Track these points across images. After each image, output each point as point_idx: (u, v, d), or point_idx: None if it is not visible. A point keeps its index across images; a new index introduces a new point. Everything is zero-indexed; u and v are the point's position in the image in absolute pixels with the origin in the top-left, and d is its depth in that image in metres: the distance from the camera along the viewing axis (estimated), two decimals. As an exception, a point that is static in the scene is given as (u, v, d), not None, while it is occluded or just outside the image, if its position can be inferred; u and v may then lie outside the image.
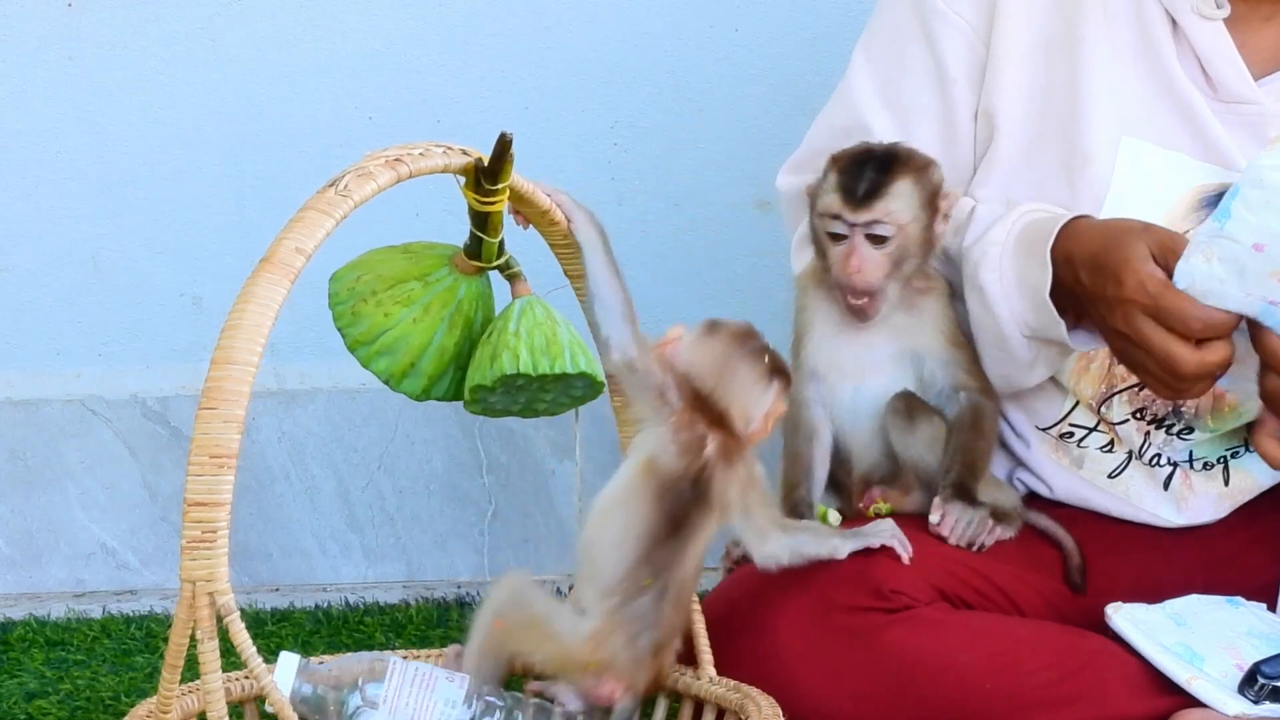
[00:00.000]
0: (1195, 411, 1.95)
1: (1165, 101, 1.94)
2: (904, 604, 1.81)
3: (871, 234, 1.86)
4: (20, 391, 2.70)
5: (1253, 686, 1.77)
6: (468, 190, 1.58)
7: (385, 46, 2.65)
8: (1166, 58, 1.93)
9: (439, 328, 1.66)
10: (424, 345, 1.66)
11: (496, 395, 1.64)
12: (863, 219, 1.86)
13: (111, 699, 2.20)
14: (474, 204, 1.58)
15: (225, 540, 1.33)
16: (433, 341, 1.66)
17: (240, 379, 1.34)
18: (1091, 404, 1.96)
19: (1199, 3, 1.93)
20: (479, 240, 1.64)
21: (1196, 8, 1.92)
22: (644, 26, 2.65)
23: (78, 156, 2.66)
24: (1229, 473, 1.98)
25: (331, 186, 1.43)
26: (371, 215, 1.96)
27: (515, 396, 1.66)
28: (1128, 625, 1.82)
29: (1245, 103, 1.93)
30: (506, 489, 2.70)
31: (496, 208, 1.59)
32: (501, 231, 1.64)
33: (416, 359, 1.66)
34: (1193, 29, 1.93)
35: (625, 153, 2.66)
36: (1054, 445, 2.00)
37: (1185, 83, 1.93)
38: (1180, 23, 1.93)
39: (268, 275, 1.37)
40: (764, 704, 1.65)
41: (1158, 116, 1.94)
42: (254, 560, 2.69)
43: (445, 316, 1.66)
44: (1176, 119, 1.94)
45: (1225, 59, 1.93)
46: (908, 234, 1.87)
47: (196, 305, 2.69)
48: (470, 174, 1.56)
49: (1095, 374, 1.96)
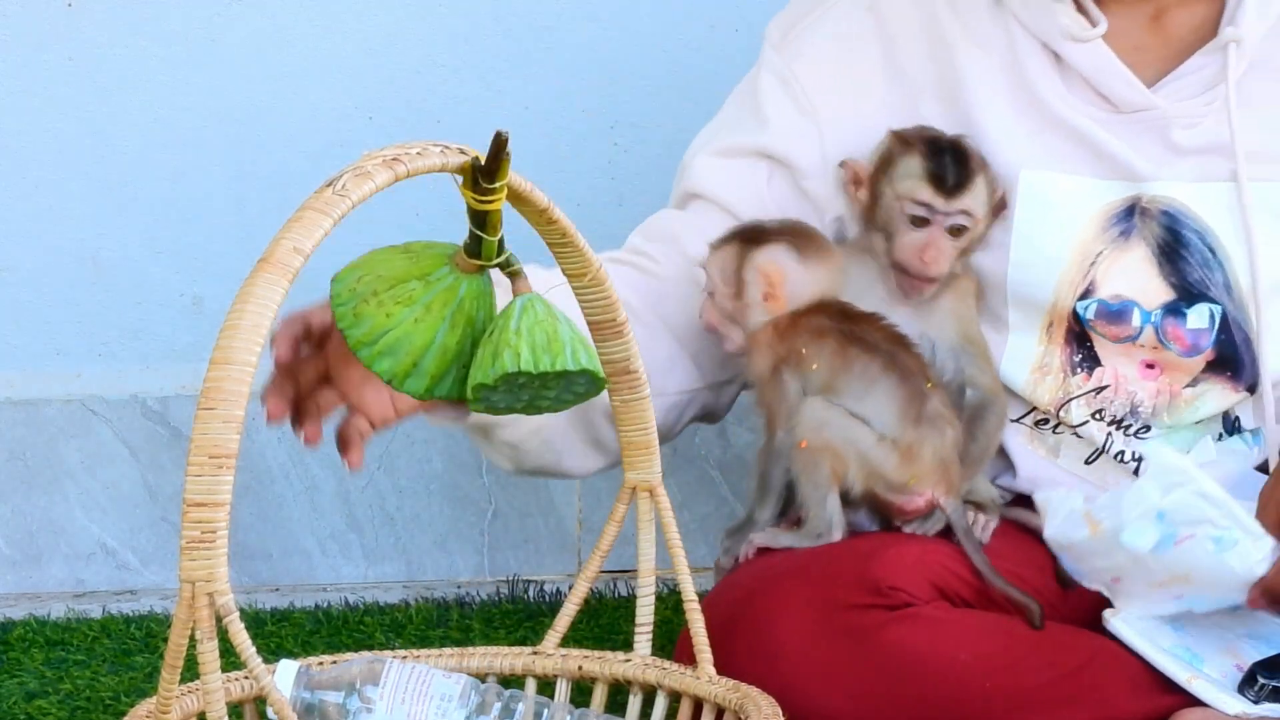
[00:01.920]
0: (1152, 410, 1.95)
1: (1056, 130, 1.94)
2: (904, 601, 1.81)
3: (954, 225, 1.88)
4: (20, 391, 2.70)
5: (1252, 687, 1.77)
6: (465, 189, 1.58)
7: (385, 46, 2.65)
8: (1045, 88, 1.93)
9: (440, 327, 1.66)
10: (426, 344, 1.66)
11: (499, 393, 1.65)
12: (953, 209, 1.87)
13: (111, 699, 2.20)
14: (472, 203, 1.58)
15: (225, 541, 1.33)
16: (435, 341, 1.66)
17: (239, 379, 1.34)
18: (1050, 410, 1.97)
19: (1069, 26, 1.92)
20: (479, 239, 1.64)
21: (1068, 32, 1.92)
22: (644, 26, 2.65)
23: (78, 156, 2.66)
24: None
25: (329, 186, 1.43)
26: (371, 215, 1.97)
27: (518, 394, 1.66)
28: (1125, 628, 1.82)
29: (1144, 110, 1.93)
30: (506, 489, 2.70)
31: (494, 206, 1.59)
32: (501, 230, 1.64)
33: (419, 358, 1.66)
34: (1071, 54, 1.92)
35: (625, 153, 2.66)
36: (1029, 435, 1.99)
37: (1072, 108, 1.93)
38: (1058, 50, 1.93)
39: (266, 275, 1.37)
40: (763, 703, 1.65)
41: (1051, 145, 1.94)
42: (254, 560, 2.69)
43: (446, 315, 1.66)
44: (1070, 144, 1.94)
45: (1113, 74, 1.92)
46: (979, 229, 1.89)
47: (196, 305, 2.69)
48: (468, 173, 1.56)
49: (1051, 385, 1.96)
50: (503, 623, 2.44)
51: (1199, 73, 1.93)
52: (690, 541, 1.82)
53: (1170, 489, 1.69)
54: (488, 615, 2.47)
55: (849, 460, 1.87)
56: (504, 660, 1.79)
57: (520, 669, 1.79)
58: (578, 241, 1.66)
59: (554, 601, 2.53)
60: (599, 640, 2.33)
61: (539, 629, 2.34)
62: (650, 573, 1.76)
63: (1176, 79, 1.94)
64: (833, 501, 1.88)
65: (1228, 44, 1.92)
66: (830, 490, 1.88)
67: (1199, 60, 1.94)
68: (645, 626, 1.77)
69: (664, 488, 1.76)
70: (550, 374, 1.62)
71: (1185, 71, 1.94)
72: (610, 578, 2.55)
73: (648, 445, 1.76)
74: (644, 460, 1.76)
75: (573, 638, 1.81)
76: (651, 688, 1.75)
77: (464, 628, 2.43)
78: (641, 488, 1.76)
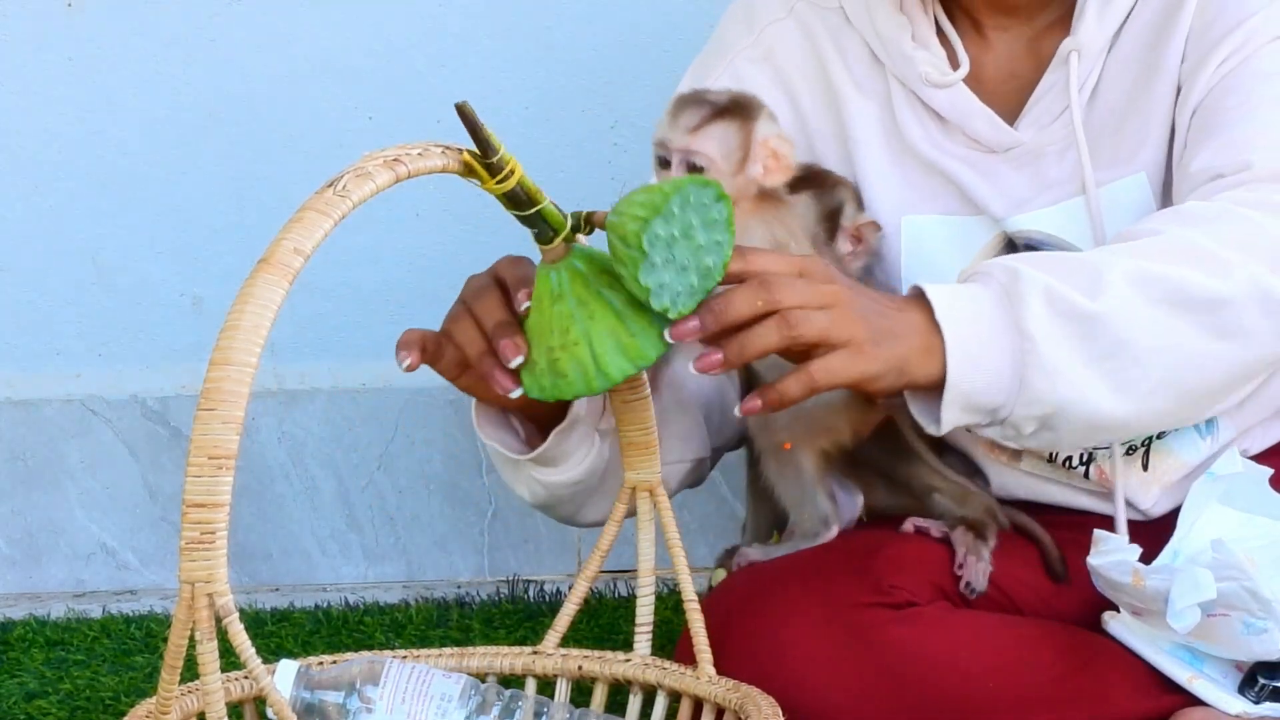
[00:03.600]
0: None
1: (929, 175, 1.94)
2: (905, 599, 1.81)
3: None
4: (20, 391, 2.70)
5: (1253, 687, 1.77)
6: (483, 183, 1.56)
7: (385, 46, 2.65)
8: (916, 135, 1.94)
9: (560, 325, 1.62)
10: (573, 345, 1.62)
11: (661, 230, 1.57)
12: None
13: (111, 699, 2.20)
14: (493, 189, 1.56)
15: (224, 541, 1.33)
16: (570, 338, 1.62)
17: (239, 379, 1.34)
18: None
19: (929, 73, 1.92)
20: (533, 219, 1.61)
21: (927, 78, 1.92)
22: (644, 26, 2.65)
23: (78, 156, 2.66)
24: (1148, 457, 1.97)
25: (330, 187, 1.43)
26: (372, 215, 1.97)
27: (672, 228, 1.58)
28: (1125, 630, 1.83)
29: (1012, 147, 1.92)
30: (506, 489, 2.69)
31: (513, 181, 1.57)
32: (544, 198, 1.60)
33: (573, 360, 1.62)
34: (933, 99, 1.93)
35: (625, 153, 2.66)
36: (989, 445, 1.98)
37: (945, 151, 1.93)
38: (921, 96, 1.93)
39: (266, 276, 1.37)
40: (764, 703, 1.65)
41: (925, 189, 1.94)
42: (254, 560, 2.69)
43: (562, 313, 1.62)
44: (943, 187, 1.94)
45: (974, 116, 1.92)
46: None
47: (196, 305, 2.69)
48: (474, 167, 1.55)
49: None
50: (502, 623, 2.44)
51: (1051, 91, 1.92)
52: (690, 541, 1.82)
53: (1224, 579, 1.70)
54: (488, 615, 2.47)
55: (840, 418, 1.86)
56: (504, 660, 1.79)
57: (520, 669, 1.79)
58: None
59: (553, 601, 2.53)
60: (598, 640, 2.33)
61: (539, 629, 2.34)
62: (650, 572, 1.76)
63: (1034, 104, 1.93)
64: (823, 499, 1.88)
65: (1069, 55, 1.91)
66: (818, 487, 1.88)
67: (1049, 79, 1.92)
68: (645, 626, 1.77)
69: (664, 488, 1.76)
70: (687, 185, 1.55)
71: (1040, 94, 1.92)
72: (610, 577, 2.55)
73: (648, 445, 1.75)
74: (644, 460, 1.76)
75: (572, 637, 1.81)
76: (652, 687, 1.75)
77: (464, 628, 2.43)
78: (642, 487, 1.75)
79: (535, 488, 1.85)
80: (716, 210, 1.57)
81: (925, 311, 1.65)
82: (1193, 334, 1.69)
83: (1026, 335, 1.65)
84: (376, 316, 2.69)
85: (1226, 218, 1.74)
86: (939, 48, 1.94)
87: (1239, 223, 1.73)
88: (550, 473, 1.82)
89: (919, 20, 1.94)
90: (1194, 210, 1.76)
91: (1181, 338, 1.69)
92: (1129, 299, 1.67)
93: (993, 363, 1.65)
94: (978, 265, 1.71)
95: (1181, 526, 1.81)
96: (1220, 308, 1.69)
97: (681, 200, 1.56)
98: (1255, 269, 1.70)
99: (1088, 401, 1.67)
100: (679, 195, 1.55)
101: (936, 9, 1.95)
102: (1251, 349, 1.73)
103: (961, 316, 1.64)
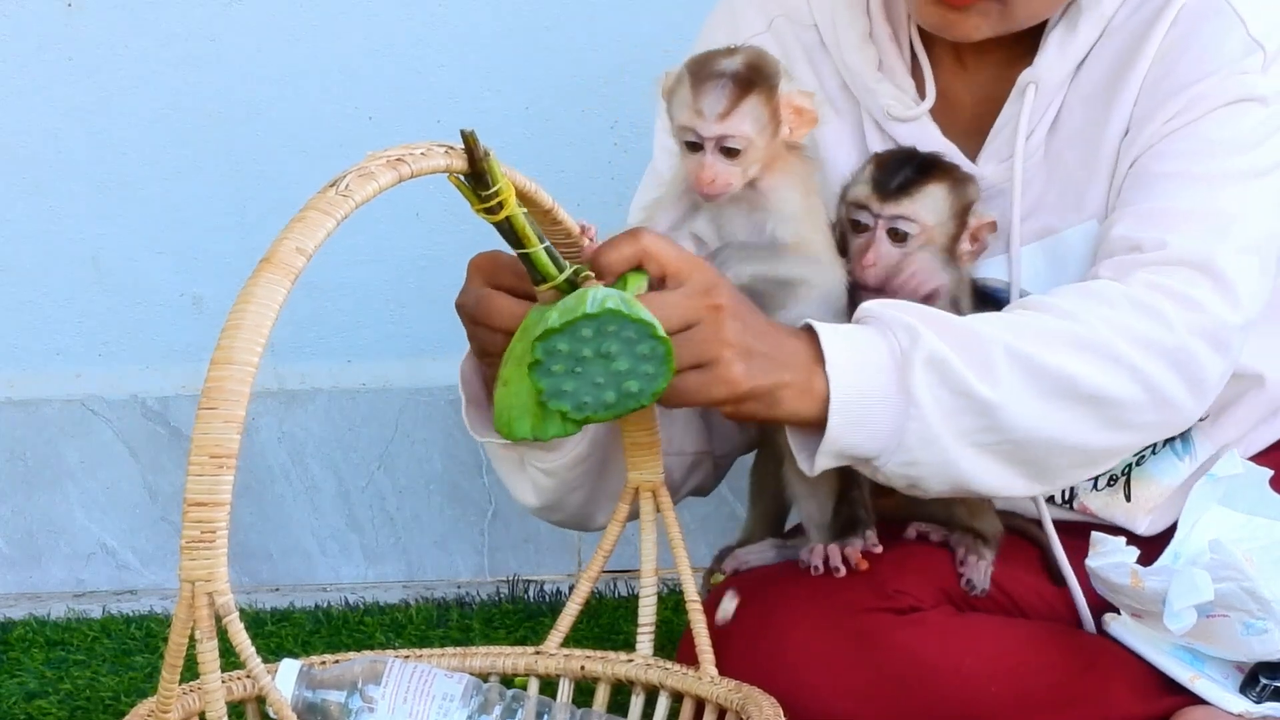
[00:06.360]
0: None
1: None
2: (910, 604, 1.81)
3: (894, 229, 1.83)
4: (20, 391, 2.70)
5: (1254, 687, 1.78)
6: (470, 199, 1.56)
7: (385, 46, 2.65)
8: None
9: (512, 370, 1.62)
10: (503, 386, 1.62)
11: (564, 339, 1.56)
12: (888, 212, 1.83)
13: (111, 699, 2.20)
14: (477, 209, 1.56)
15: (225, 540, 1.32)
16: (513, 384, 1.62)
17: (240, 379, 1.33)
18: None
19: (891, 105, 1.90)
20: (524, 258, 1.60)
21: (890, 112, 1.91)
22: (644, 26, 2.65)
23: (78, 156, 2.66)
24: (1129, 487, 1.96)
25: (333, 186, 1.43)
26: (372, 216, 1.96)
27: (582, 345, 1.58)
28: (1126, 631, 1.83)
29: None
30: (506, 489, 2.70)
31: (504, 212, 1.56)
32: (538, 241, 1.59)
33: (501, 401, 1.62)
34: (896, 132, 1.90)
35: (625, 153, 2.66)
36: None
37: None
38: (885, 129, 1.91)
39: (268, 275, 1.37)
40: (765, 704, 1.65)
41: None
42: (254, 560, 2.69)
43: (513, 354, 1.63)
44: None
45: (935, 149, 1.88)
46: (930, 236, 1.84)
47: (196, 305, 2.69)
48: (464, 184, 1.54)
49: None
50: (503, 623, 2.44)
51: (1009, 124, 1.88)
52: (692, 541, 1.81)
53: (1222, 580, 1.70)
54: (488, 615, 2.47)
55: None
56: (506, 660, 1.79)
57: (523, 669, 1.78)
58: (581, 242, 1.66)
59: (553, 601, 2.53)
60: (599, 640, 2.32)
61: (539, 629, 2.34)
62: (652, 572, 1.76)
63: (994, 137, 1.89)
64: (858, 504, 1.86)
65: (1026, 87, 1.87)
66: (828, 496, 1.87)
67: (1008, 111, 1.89)
68: (647, 626, 1.77)
69: (666, 488, 1.76)
70: (608, 314, 1.55)
71: (999, 126, 1.89)
72: (611, 577, 2.55)
73: (651, 445, 1.75)
74: (647, 460, 1.76)
75: (572, 638, 1.80)
76: (654, 688, 1.75)
77: (464, 628, 2.43)
78: (644, 487, 1.75)
79: (541, 481, 1.84)
80: (646, 346, 1.57)
81: (811, 347, 1.65)
82: (1080, 425, 1.71)
83: (914, 401, 1.65)
84: (376, 316, 2.69)
85: (1135, 308, 1.72)
86: (906, 78, 1.91)
87: (1145, 316, 1.72)
88: (552, 457, 1.81)
89: (887, 49, 1.91)
90: (1104, 293, 1.74)
91: (1069, 429, 1.70)
92: (1020, 390, 1.68)
93: (875, 422, 1.66)
94: (875, 309, 1.70)
95: (1182, 528, 1.81)
96: (1113, 405, 1.71)
97: (597, 327, 1.56)
98: (1153, 368, 1.71)
99: (959, 469, 1.69)
100: (596, 323, 1.55)
101: (913, 33, 1.92)
102: (1140, 437, 1.76)
103: (849, 368, 1.65)
